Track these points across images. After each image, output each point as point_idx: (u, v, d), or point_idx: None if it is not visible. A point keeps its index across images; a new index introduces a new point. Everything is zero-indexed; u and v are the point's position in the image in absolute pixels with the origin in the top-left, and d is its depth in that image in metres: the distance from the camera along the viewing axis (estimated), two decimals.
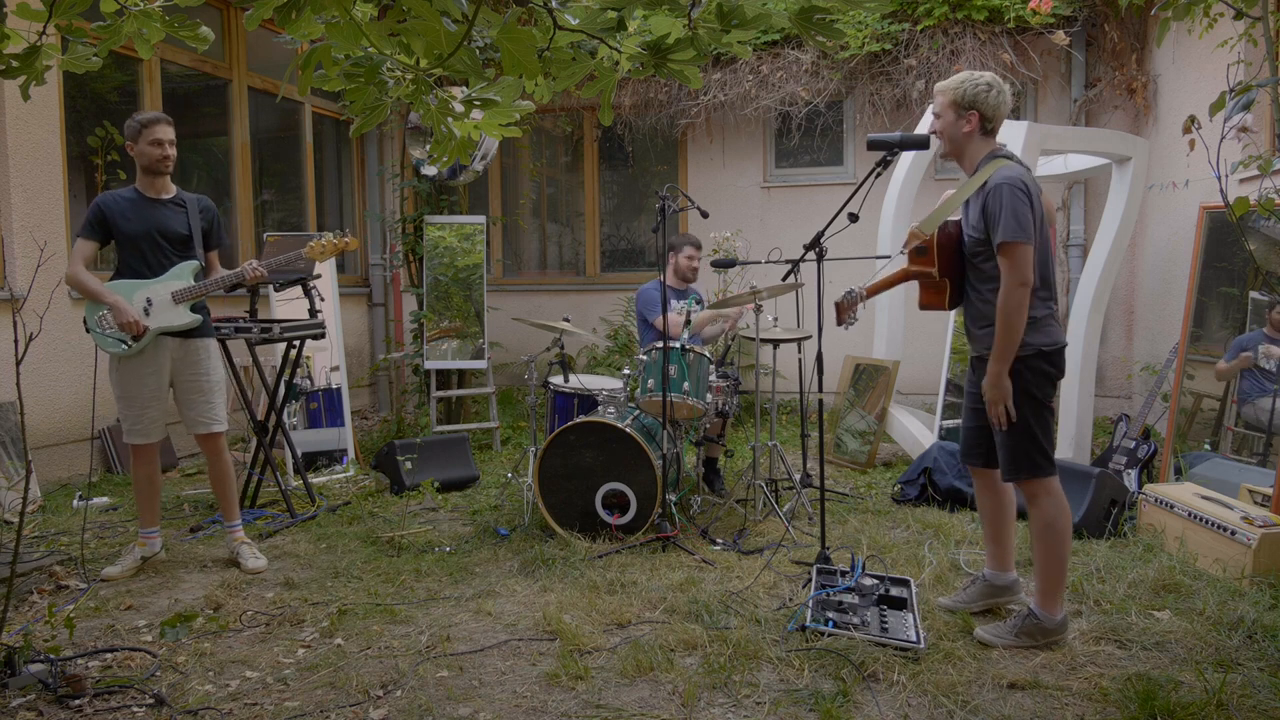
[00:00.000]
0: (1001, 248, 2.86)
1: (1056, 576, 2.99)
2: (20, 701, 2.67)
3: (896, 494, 4.93)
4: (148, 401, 3.88)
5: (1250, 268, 4.61)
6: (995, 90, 3.00)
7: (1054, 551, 2.98)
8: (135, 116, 3.86)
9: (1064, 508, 2.99)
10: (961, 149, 3.08)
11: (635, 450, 4.09)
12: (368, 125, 2.15)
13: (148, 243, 3.88)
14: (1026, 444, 2.95)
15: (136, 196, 3.91)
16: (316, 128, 7.71)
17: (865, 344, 6.77)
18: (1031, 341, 2.93)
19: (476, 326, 6.57)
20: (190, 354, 3.96)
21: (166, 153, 3.86)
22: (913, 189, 6.32)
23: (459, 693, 2.73)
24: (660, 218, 4.26)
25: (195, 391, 3.97)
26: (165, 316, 3.86)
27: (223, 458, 4.08)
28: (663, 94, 7.59)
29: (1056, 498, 2.98)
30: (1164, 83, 6.40)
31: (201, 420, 3.98)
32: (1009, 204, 2.85)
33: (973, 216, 3.01)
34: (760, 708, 2.61)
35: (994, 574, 3.29)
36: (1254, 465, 4.36)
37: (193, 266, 3.94)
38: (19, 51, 2.19)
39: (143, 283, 3.86)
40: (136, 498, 4.01)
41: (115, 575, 3.82)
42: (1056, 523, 2.97)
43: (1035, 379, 2.94)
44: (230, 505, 4.11)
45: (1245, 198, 2.41)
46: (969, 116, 3.02)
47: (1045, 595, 3.01)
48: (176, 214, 3.95)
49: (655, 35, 1.93)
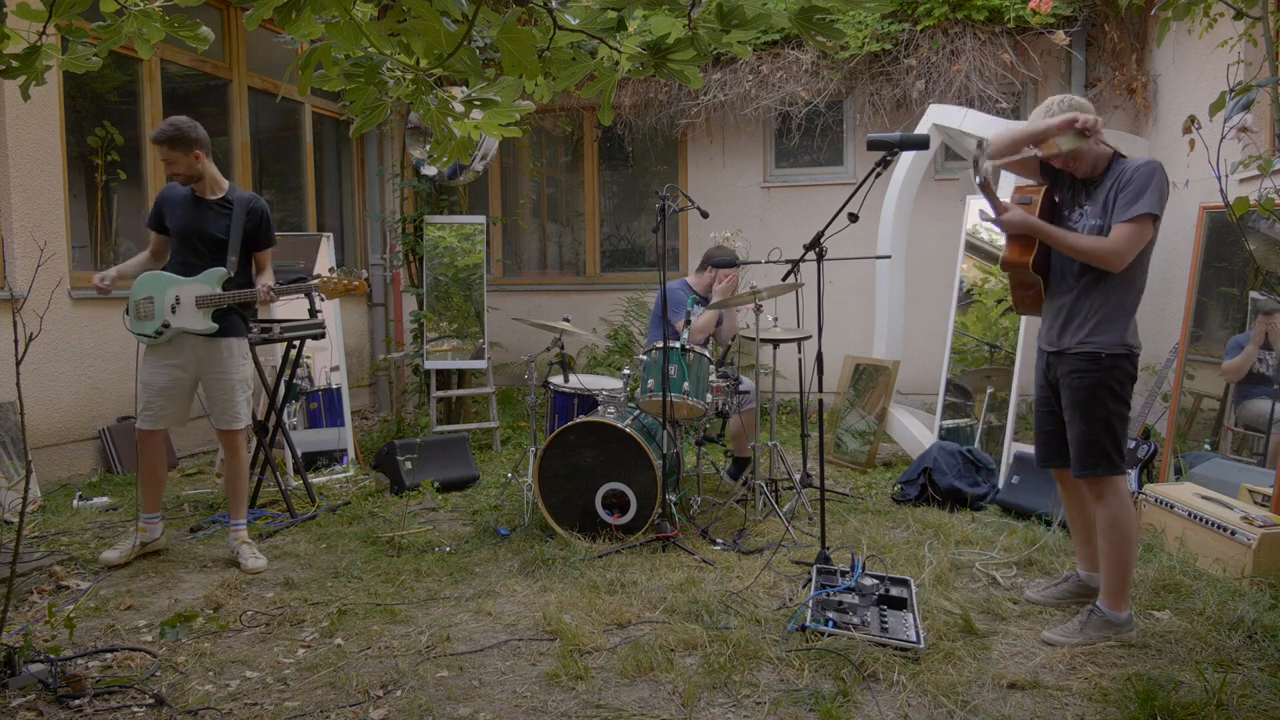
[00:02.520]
0: (1139, 219, 2.87)
1: (1123, 575, 3.03)
2: (20, 701, 2.67)
3: (896, 494, 4.93)
4: (160, 390, 3.96)
5: (1250, 268, 4.61)
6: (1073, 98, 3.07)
7: (1120, 550, 3.02)
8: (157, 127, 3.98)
9: (1131, 508, 3.04)
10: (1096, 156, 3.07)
11: (635, 450, 4.09)
12: (368, 125, 2.15)
13: (186, 242, 3.99)
14: (1105, 441, 2.99)
15: (190, 193, 4.02)
16: (316, 128, 7.71)
17: (865, 344, 6.77)
18: (1128, 341, 2.98)
19: (476, 326, 6.57)
20: (214, 352, 4.01)
21: (169, 172, 3.94)
22: (913, 189, 6.32)
23: (459, 693, 2.73)
24: (660, 218, 4.26)
25: (217, 389, 4.04)
26: (187, 319, 3.93)
27: (238, 455, 4.13)
28: (663, 94, 7.59)
29: (1124, 498, 3.03)
30: (1164, 83, 6.40)
31: (222, 416, 4.07)
32: (1159, 182, 2.90)
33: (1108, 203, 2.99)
34: (760, 708, 2.61)
35: (1089, 575, 3.32)
36: (1254, 465, 4.36)
37: (219, 274, 3.98)
38: (19, 51, 2.19)
39: (179, 280, 3.96)
40: (141, 483, 4.07)
41: (115, 559, 3.87)
42: (1123, 522, 3.01)
43: (1122, 379, 3.00)
44: (239, 503, 4.14)
45: (1245, 198, 2.41)
46: None
47: (1111, 594, 3.04)
48: (219, 216, 4.02)
49: (655, 35, 1.93)
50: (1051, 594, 3.37)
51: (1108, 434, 3.00)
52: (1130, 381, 3.02)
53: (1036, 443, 3.33)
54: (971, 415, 5.41)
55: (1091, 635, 3.00)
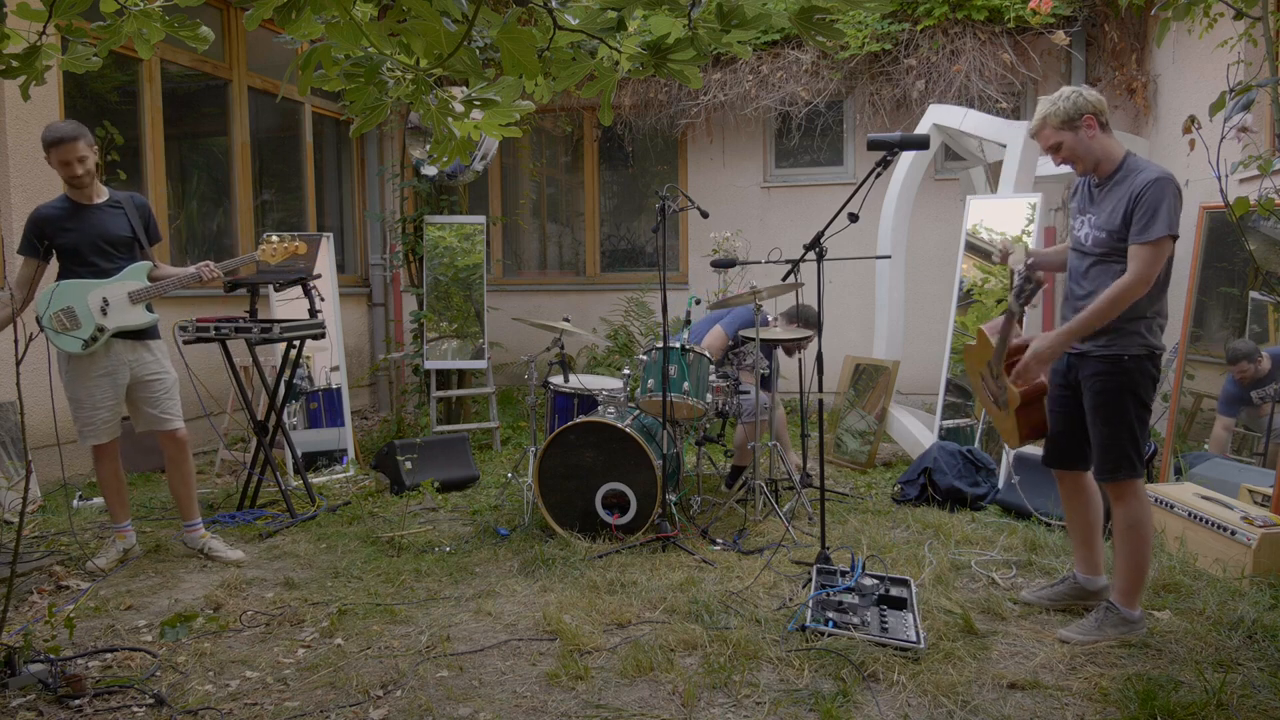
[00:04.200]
0: (1158, 242, 2.84)
1: (1138, 575, 3.04)
2: (20, 701, 2.67)
3: (896, 494, 4.93)
4: (99, 403, 3.87)
5: (1250, 268, 4.60)
6: (1081, 90, 3.02)
7: (1138, 551, 3.02)
8: (44, 132, 3.76)
9: (1148, 509, 3.04)
10: (1096, 156, 3.04)
11: (635, 450, 4.09)
12: (368, 125, 2.15)
13: (93, 251, 3.85)
14: (1127, 444, 2.98)
15: (69, 205, 3.86)
16: (316, 128, 7.71)
17: (865, 344, 6.77)
18: (1149, 342, 2.96)
19: (476, 326, 6.57)
20: (145, 355, 3.96)
21: (75, 171, 3.76)
22: (913, 189, 6.32)
23: (459, 693, 2.73)
24: (660, 218, 4.26)
25: (155, 390, 3.97)
26: (123, 317, 3.85)
27: (187, 454, 4.06)
28: (663, 94, 7.59)
29: (1143, 500, 3.02)
30: (1164, 83, 6.40)
31: (165, 417, 3.98)
32: (1171, 199, 2.85)
33: (1115, 214, 2.95)
34: (760, 708, 2.61)
35: (1086, 578, 3.30)
36: (1254, 465, 4.36)
37: (146, 267, 3.94)
38: (19, 51, 2.19)
39: (97, 282, 3.84)
40: (104, 496, 4.03)
41: (102, 567, 3.86)
42: (1141, 524, 3.01)
43: (1144, 380, 2.97)
44: (189, 505, 4.08)
45: (1245, 198, 2.41)
46: (1086, 122, 2.99)
47: (1126, 593, 3.05)
48: (116, 217, 3.91)
49: (655, 35, 1.93)
50: (1048, 595, 3.36)
51: (1129, 437, 2.98)
52: (1153, 383, 3.01)
53: (1046, 443, 3.30)
54: (971, 415, 5.41)
55: (1109, 633, 3.01)
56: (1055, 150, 3.06)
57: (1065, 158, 3.06)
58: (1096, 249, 3.03)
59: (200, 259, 6.49)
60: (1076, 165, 3.08)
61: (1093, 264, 3.05)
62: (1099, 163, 3.04)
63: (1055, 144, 3.05)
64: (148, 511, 4.79)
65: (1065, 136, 3.02)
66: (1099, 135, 3.01)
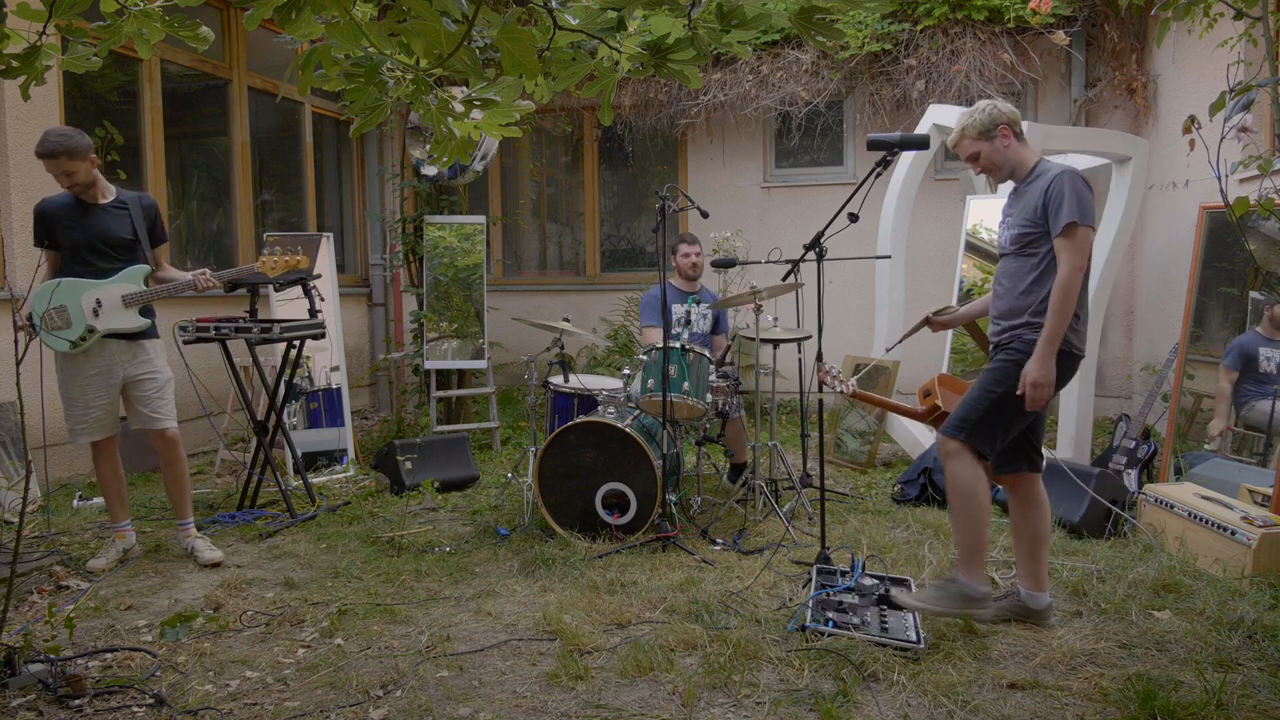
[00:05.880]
0: (1067, 229, 2.92)
1: (970, 545, 3.04)
2: (20, 701, 2.67)
3: (896, 494, 4.93)
4: (91, 402, 3.87)
5: (1250, 268, 4.61)
6: (995, 102, 3.15)
7: (964, 518, 3.04)
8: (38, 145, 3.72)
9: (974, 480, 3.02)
10: (1011, 164, 3.15)
11: (635, 450, 4.09)
12: (368, 125, 2.15)
13: (91, 251, 3.85)
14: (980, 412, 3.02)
15: (75, 202, 3.86)
16: (316, 128, 7.71)
17: (865, 344, 6.76)
18: (1069, 338, 2.98)
19: (476, 326, 6.57)
20: (139, 354, 3.96)
21: (64, 184, 3.78)
22: (913, 189, 6.32)
23: (459, 693, 2.73)
24: (660, 218, 4.26)
25: (148, 389, 3.97)
26: (114, 319, 3.84)
27: (179, 454, 4.07)
28: (663, 94, 7.59)
29: (969, 467, 3.01)
30: (1164, 83, 6.40)
31: (156, 416, 3.98)
32: (1072, 189, 2.94)
33: (1024, 210, 3.07)
34: (760, 708, 2.61)
35: (1029, 594, 3.19)
36: (1254, 465, 4.36)
37: (143, 271, 3.93)
38: (19, 51, 2.19)
39: (93, 283, 3.84)
40: (104, 494, 4.03)
41: (100, 568, 3.86)
42: (963, 489, 3.02)
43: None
44: (183, 504, 4.10)
45: (1245, 198, 2.41)
46: (1001, 132, 3.11)
47: (963, 563, 3.06)
48: (119, 218, 3.91)
49: (655, 35, 1.93)
50: (990, 612, 3.22)
51: (991, 412, 3.01)
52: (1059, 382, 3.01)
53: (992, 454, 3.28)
54: None
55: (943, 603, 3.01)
56: (974, 160, 3.19)
57: (983, 166, 3.19)
58: (1012, 246, 3.13)
59: (200, 259, 6.53)
60: (994, 173, 3.19)
61: (1008, 262, 3.15)
62: (1014, 169, 3.15)
63: (973, 153, 3.17)
64: (147, 511, 4.79)
65: (982, 146, 3.15)
66: (1014, 144, 3.12)
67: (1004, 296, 3.14)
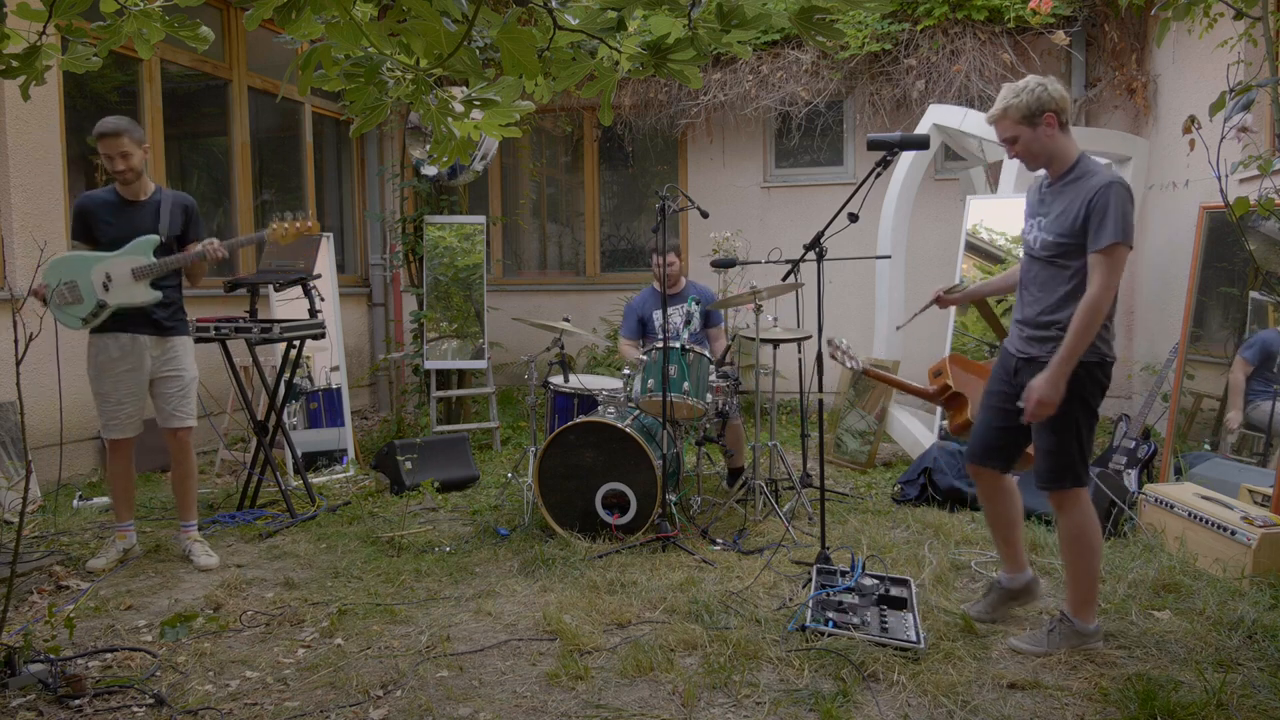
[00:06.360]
0: (1109, 249, 2.75)
1: (1087, 585, 2.96)
2: (20, 701, 2.67)
3: (896, 494, 4.93)
4: (124, 398, 3.89)
5: (1250, 268, 4.60)
6: (1046, 83, 2.91)
7: (1084, 560, 2.95)
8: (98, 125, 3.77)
9: (1092, 519, 2.96)
10: (1050, 154, 2.94)
11: (635, 450, 4.09)
12: (368, 125, 2.15)
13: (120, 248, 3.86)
14: (1074, 453, 2.91)
15: (116, 199, 3.89)
16: (316, 128, 7.71)
17: (865, 344, 6.76)
18: (1100, 350, 2.87)
19: (476, 326, 6.57)
20: (168, 351, 3.98)
21: (118, 166, 3.78)
22: (913, 189, 6.32)
23: (459, 693, 2.73)
24: (660, 218, 4.26)
25: (171, 387, 3.98)
26: (126, 293, 3.82)
27: (189, 454, 4.08)
28: (663, 94, 7.58)
29: (1086, 509, 2.95)
30: (1164, 83, 6.40)
31: (176, 414, 4.00)
32: (1119, 205, 2.75)
33: (1063, 219, 2.87)
34: (760, 708, 2.61)
35: (1009, 577, 3.23)
36: (1254, 465, 4.36)
37: (151, 242, 3.85)
38: (19, 51, 2.19)
39: (103, 256, 3.81)
40: (112, 493, 4.04)
41: (100, 568, 3.86)
42: (1085, 534, 2.94)
43: (1093, 388, 2.89)
44: (189, 505, 4.10)
45: (1245, 198, 2.41)
46: (1047, 120, 2.88)
47: (1077, 604, 2.98)
48: (153, 216, 3.92)
49: (655, 35, 1.93)
50: (981, 609, 3.24)
51: (1076, 446, 2.91)
52: (1101, 391, 2.92)
53: (975, 438, 3.20)
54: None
55: (1060, 645, 2.95)
56: (1010, 143, 2.96)
57: (1019, 152, 2.96)
58: (1044, 253, 2.94)
59: None
60: (1029, 161, 2.98)
61: (1040, 269, 2.98)
62: (1051, 160, 2.95)
63: (1012, 136, 2.94)
64: (148, 511, 4.79)
65: (1023, 131, 2.91)
66: (1057, 134, 2.90)
67: (1032, 305, 3.00)
